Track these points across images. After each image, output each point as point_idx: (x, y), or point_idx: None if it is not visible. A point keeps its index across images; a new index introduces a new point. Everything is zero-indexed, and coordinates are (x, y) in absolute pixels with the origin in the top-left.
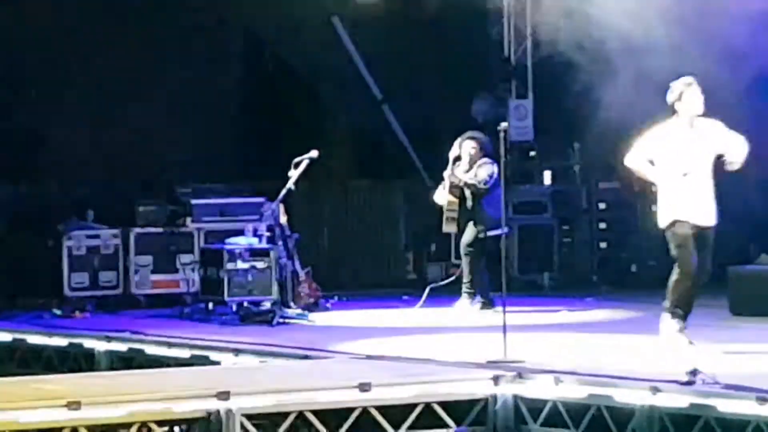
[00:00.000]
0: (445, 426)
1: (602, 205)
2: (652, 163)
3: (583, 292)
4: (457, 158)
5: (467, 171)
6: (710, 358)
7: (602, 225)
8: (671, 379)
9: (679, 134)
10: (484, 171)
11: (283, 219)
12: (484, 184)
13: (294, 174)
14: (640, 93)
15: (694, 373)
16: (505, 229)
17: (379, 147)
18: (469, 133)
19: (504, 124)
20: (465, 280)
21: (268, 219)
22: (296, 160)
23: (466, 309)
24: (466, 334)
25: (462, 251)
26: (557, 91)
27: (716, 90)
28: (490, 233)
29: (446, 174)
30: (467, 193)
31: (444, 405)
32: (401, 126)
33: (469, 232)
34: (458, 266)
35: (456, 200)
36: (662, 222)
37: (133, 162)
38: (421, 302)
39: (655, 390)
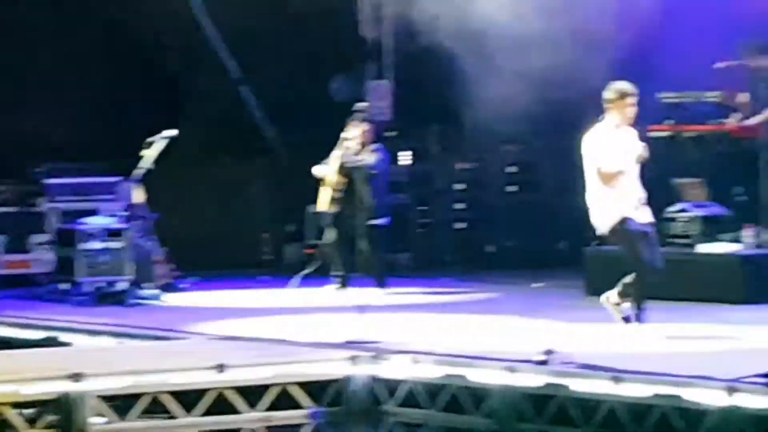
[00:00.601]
0: (302, 407)
1: (459, 186)
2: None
3: (439, 273)
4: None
5: (356, 153)
6: (566, 338)
7: (459, 205)
8: (526, 359)
9: (617, 136)
10: (375, 156)
11: (140, 199)
12: (371, 168)
13: (148, 154)
14: (497, 76)
15: (549, 352)
16: (388, 219)
17: (238, 126)
18: (363, 115)
19: (363, 104)
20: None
21: (124, 198)
22: (149, 139)
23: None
24: (324, 314)
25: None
26: (416, 72)
27: (582, 78)
28: (376, 222)
29: (336, 154)
30: (356, 176)
31: (301, 385)
32: (260, 105)
33: (356, 223)
34: (314, 246)
35: (344, 180)
36: (610, 221)
37: None
38: (295, 283)
39: (511, 369)
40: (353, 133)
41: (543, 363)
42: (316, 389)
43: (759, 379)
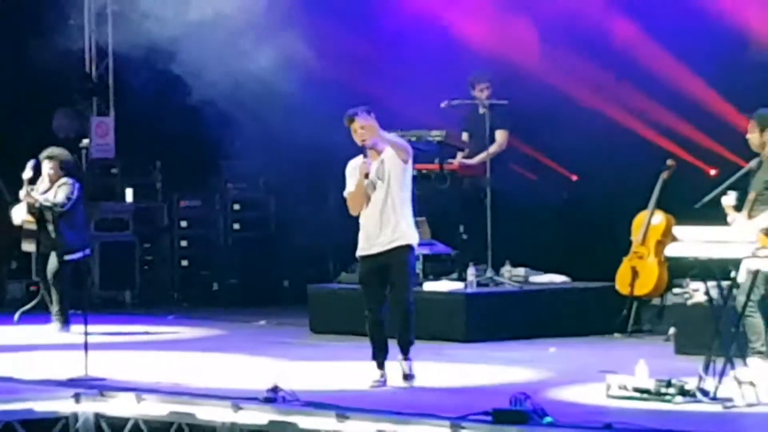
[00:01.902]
0: None
1: (184, 223)
2: None
3: (165, 310)
4: (35, 178)
5: (47, 191)
6: (290, 375)
7: (183, 243)
8: (252, 396)
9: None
10: (62, 192)
11: None
12: (61, 206)
13: None
14: (222, 112)
15: (274, 390)
16: (87, 251)
17: None
18: (47, 152)
19: (85, 141)
20: (55, 309)
21: None
22: None
23: (53, 334)
24: (48, 352)
25: (50, 280)
26: (140, 108)
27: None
28: (69, 257)
29: (22, 194)
30: (47, 214)
31: (24, 423)
32: None
33: (53, 261)
34: (37, 284)
35: (33, 219)
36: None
37: None
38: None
39: (237, 408)
40: (30, 173)
41: (269, 400)
42: (41, 427)
43: (482, 416)
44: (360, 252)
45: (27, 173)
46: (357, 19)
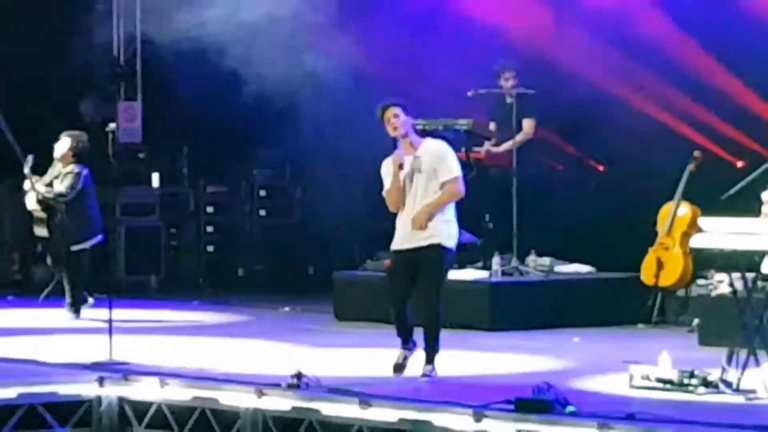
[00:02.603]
0: (50, 427)
1: (210, 209)
2: None
3: (190, 295)
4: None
5: (57, 176)
6: (315, 362)
7: (209, 228)
8: (275, 383)
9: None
10: (66, 182)
11: None
12: (63, 197)
13: None
14: (251, 97)
15: (298, 376)
16: (97, 239)
17: None
18: (64, 134)
19: (112, 125)
20: (67, 298)
21: None
22: None
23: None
24: (72, 335)
25: (59, 270)
26: (167, 94)
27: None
28: (75, 248)
29: (26, 186)
30: (53, 203)
31: (48, 406)
32: (7, 123)
33: (61, 251)
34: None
35: (39, 208)
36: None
37: None
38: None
39: (260, 393)
40: (28, 168)
41: (292, 387)
42: (64, 410)
43: (505, 405)
44: (393, 246)
45: (27, 167)
46: (385, 7)
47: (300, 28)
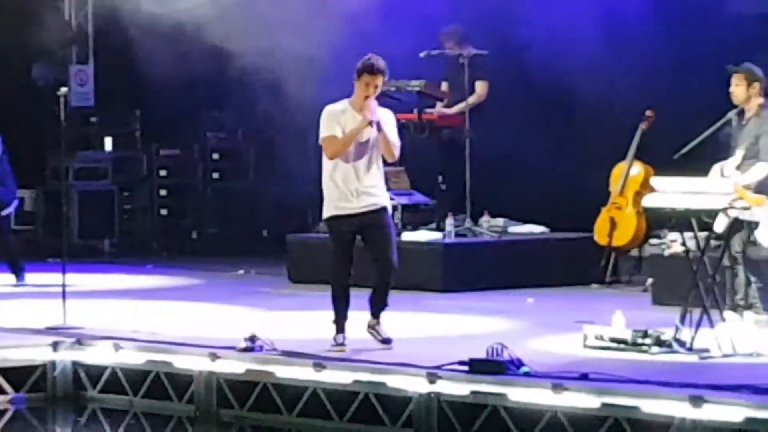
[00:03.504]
0: (4, 392)
1: (163, 172)
2: None
3: (143, 259)
4: None
5: None
6: (269, 325)
7: (162, 192)
8: (229, 346)
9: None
10: None
11: None
12: None
13: None
14: (202, 59)
15: (252, 339)
16: (17, 203)
17: None
18: None
19: (64, 90)
20: (6, 262)
21: None
22: None
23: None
24: (25, 300)
25: None
26: (119, 56)
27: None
28: (5, 212)
29: None
30: None
31: (2, 371)
32: None
33: None
34: None
35: None
36: None
37: None
38: None
39: (214, 356)
40: None
41: (246, 350)
42: (18, 375)
43: (459, 366)
44: (337, 211)
45: None
46: None
47: None
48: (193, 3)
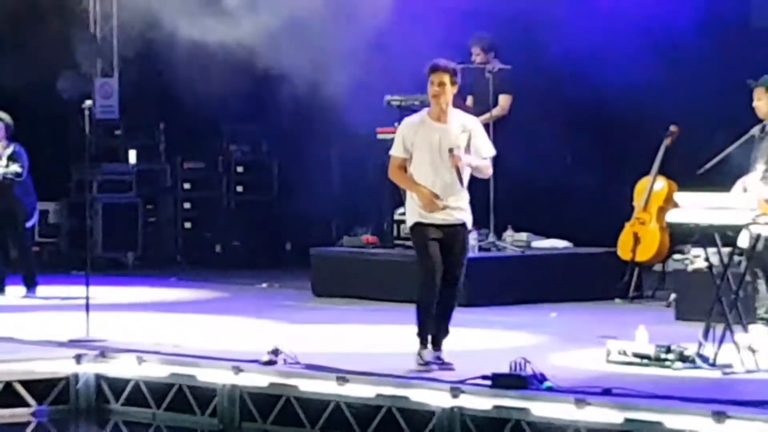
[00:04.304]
0: (27, 405)
1: (187, 185)
2: None
3: (167, 272)
4: None
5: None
6: (292, 338)
7: (186, 205)
8: (253, 359)
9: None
10: (16, 162)
11: None
12: (20, 177)
13: None
14: (224, 75)
15: (275, 352)
16: (34, 219)
17: None
18: None
19: (88, 102)
20: (25, 273)
21: None
22: None
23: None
24: (48, 312)
25: (17, 247)
26: (143, 70)
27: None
28: (30, 223)
29: None
30: None
31: (25, 383)
32: None
33: (17, 229)
34: None
35: None
36: None
37: None
38: None
39: (237, 370)
40: None
41: (270, 363)
42: (41, 387)
43: (482, 380)
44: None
45: None
46: None
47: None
48: (216, 18)
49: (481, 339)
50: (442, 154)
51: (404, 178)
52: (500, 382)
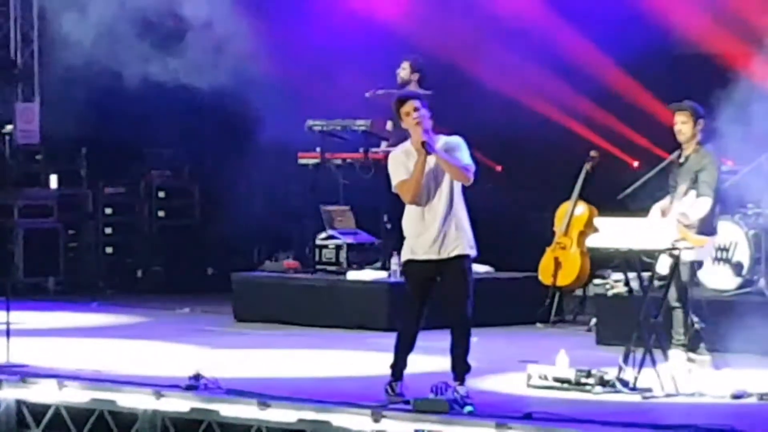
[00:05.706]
0: None
1: (108, 210)
2: None
3: (88, 297)
4: None
5: None
6: (213, 363)
7: (108, 230)
8: (174, 384)
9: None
10: None
11: None
12: None
13: None
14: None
15: (196, 377)
16: None
17: None
18: None
19: (9, 127)
20: None
21: None
22: None
23: None
24: None
25: None
26: (64, 95)
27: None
28: None
29: None
30: None
31: None
32: None
33: None
34: None
35: None
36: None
37: None
38: None
39: (159, 395)
40: None
41: (190, 388)
42: None
43: (403, 404)
44: (411, 255)
45: None
46: (283, 8)
47: (199, 30)
48: (139, 42)
49: None
50: (437, 179)
51: (412, 178)
52: (421, 406)
